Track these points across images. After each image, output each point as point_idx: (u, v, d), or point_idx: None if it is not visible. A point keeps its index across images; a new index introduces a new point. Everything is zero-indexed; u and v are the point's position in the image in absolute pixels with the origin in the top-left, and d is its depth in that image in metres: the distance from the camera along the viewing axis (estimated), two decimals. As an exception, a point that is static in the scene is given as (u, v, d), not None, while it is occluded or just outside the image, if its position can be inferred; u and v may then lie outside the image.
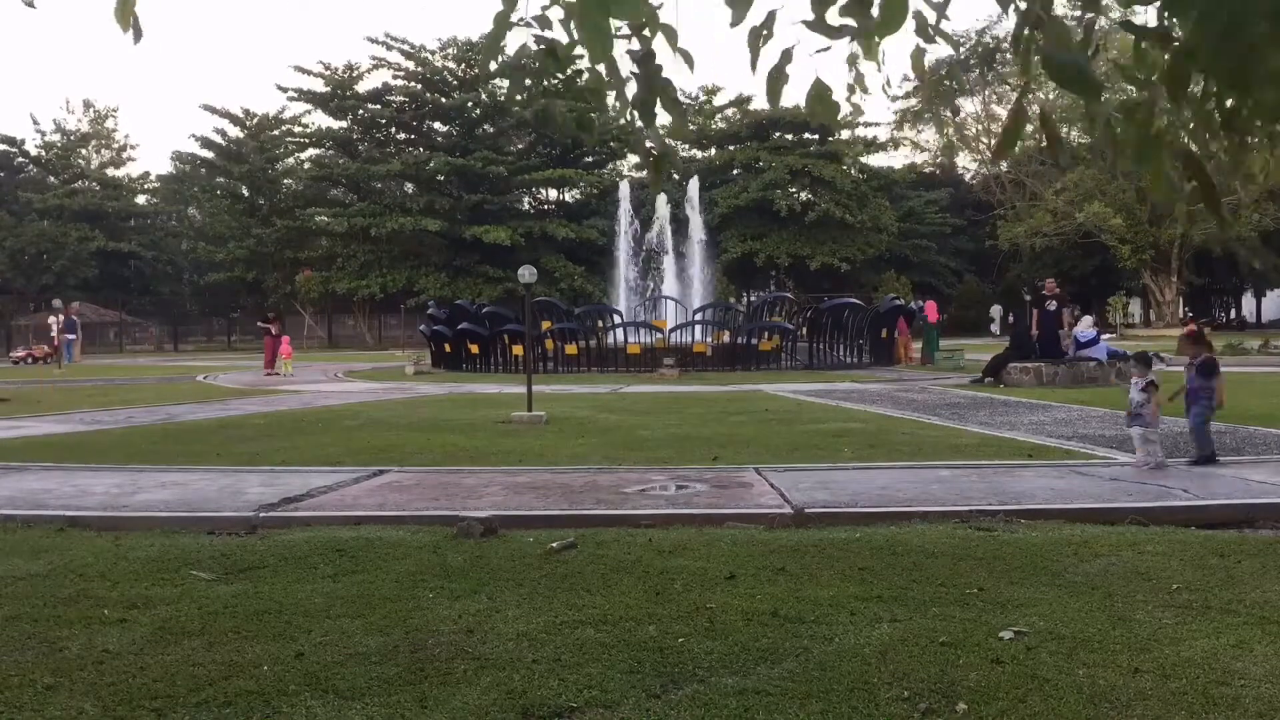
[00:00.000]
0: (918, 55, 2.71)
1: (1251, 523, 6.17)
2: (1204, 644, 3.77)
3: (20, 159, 58.79)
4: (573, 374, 22.96)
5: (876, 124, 56.71)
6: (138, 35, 2.75)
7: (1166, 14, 2.23)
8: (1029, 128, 2.63)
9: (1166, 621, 4.06)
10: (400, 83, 51.64)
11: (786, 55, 2.72)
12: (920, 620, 4.09)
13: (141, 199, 62.23)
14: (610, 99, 2.97)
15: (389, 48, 50.91)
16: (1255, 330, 49.60)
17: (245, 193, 54.91)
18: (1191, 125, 2.46)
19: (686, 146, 57.45)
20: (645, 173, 3.07)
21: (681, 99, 3.03)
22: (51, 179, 58.17)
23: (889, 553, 5.23)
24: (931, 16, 2.61)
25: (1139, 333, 44.73)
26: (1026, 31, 2.31)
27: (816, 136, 51.10)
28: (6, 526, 6.25)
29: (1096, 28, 2.49)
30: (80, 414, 14.15)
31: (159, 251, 58.54)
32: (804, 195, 51.28)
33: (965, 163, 59.77)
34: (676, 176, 53.51)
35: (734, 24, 2.61)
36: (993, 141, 51.85)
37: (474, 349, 24.86)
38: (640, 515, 6.27)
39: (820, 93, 2.82)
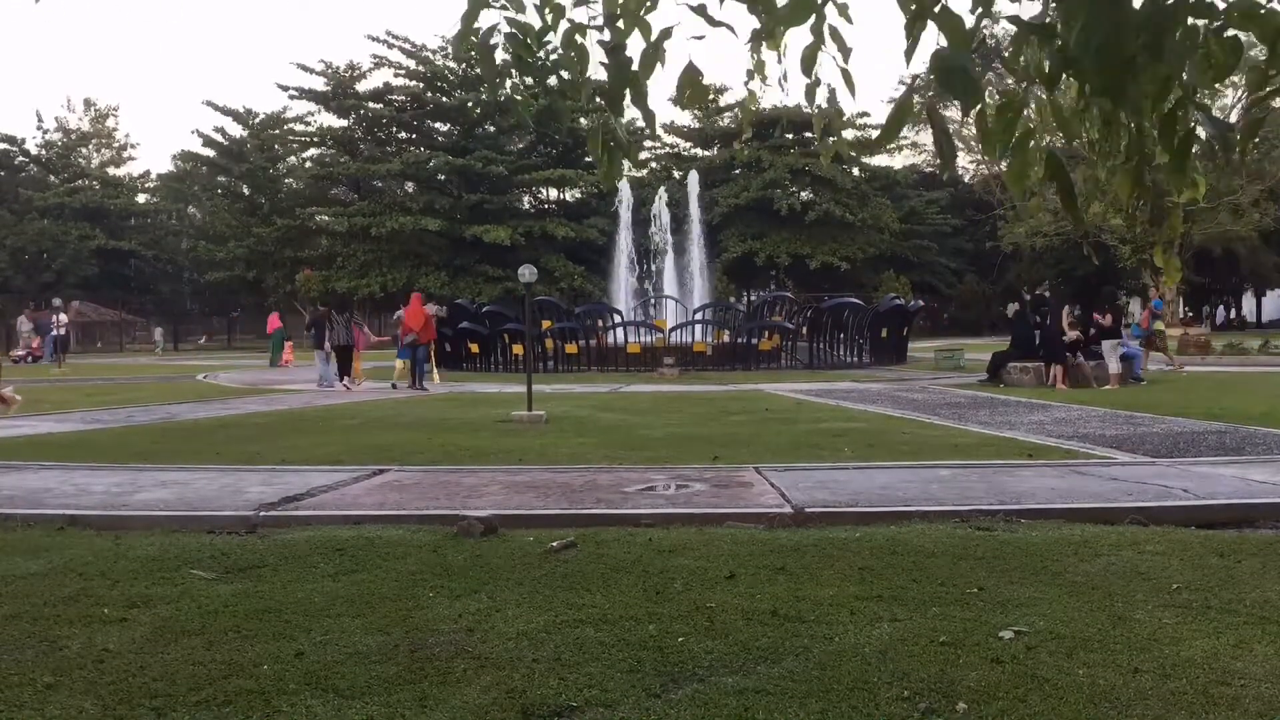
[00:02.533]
0: (809, 55, 2.71)
1: (1252, 522, 6.16)
2: (1204, 644, 3.77)
3: (21, 158, 58.76)
4: (573, 373, 22.97)
5: (876, 125, 56.62)
6: None
7: (1053, 12, 2.27)
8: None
9: (1166, 621, 4.05)
10: (401, 82, 51.64)
11: (666, 33, 2.76)
12: (920, 620, 4.09)
13: (142, 198, 62.20)
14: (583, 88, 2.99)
15: (390, 46, 50.94)
16: (1255, 330, 49.62)
17: (246, 192, 54.89)
18: (1054, 125, 2.52)
19: (688, 146, 57.48)
20: (597, 165, 3.09)
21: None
22: (52, 178, 58.15)
23: (889, 552, 5.23)
24: (834, 18, 2.63)
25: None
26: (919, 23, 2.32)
27: (817, 136, 51.04)
28: (6, 525, 6.25)
29: (984, 24, 2.51)
30: (80, 413, 14.16)
31: (159, 250, 58.51)
32: (804, 195, 51.28)
33: (965, 162, 59.70)
34: (677, 175, 53.54)
35: None
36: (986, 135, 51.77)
37: (474, 348, 24.86)
38: (640, 515, 6.27)
39: (691, 77, 2.87)
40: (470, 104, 51.20)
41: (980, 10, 2.34)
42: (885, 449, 9.13)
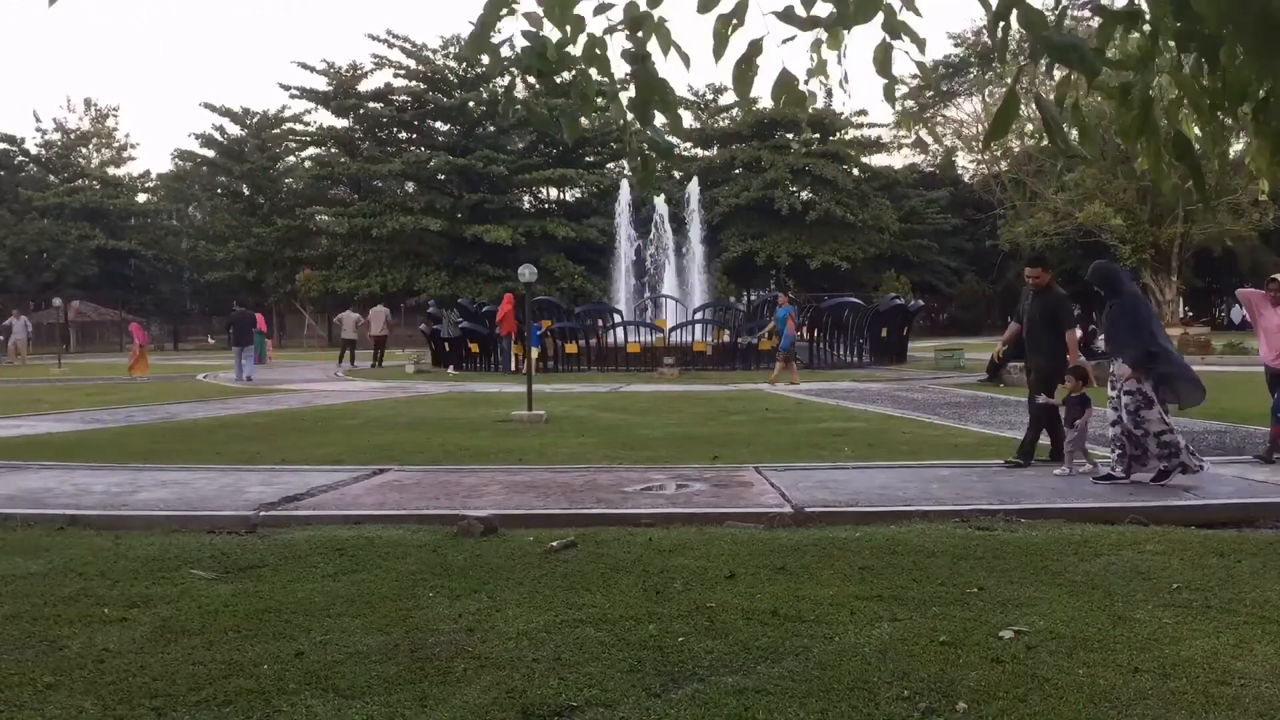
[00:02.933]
0: (882, 54, 2.70)
1: (1252, 522, 6.17)
2: (1204, 643, 3.77)
3: (21, 158, 58.73)
4: (573, 373, 22.97)
5: (878, 125, 56.64)
6: None
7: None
8: (1027, 126, 2.65)
9: (1166, 621, 4.05)
10: (402, 81, 51.63)
11: (755, 46, 2.73)
12: (920, 619, 4.09)
13: (142, 198, 62.15)
14: (600, 101, 2.97)
15: (391, 46, 50.92)
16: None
17: (246, 191, 54.89)
18: (1183, 108, 2.51)
19: (688, 146, 57.48)
20: (634, 174, 3.09)
21: (691, 97, 3.04)
22: (52, 177, 58.13)
23: (889, 552, 5.23)
24: (901, 10, 2.61)
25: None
26: (1002, 22, 2.32)
27: (817, 136, 51.09)
28: (6, 525, 6.25)
29: (1069, 14, 2.52)
30: (79, 413, 14.16)
31: (159, 250, 58.47)
32: (805, 194, 51.26)
33: (965, 162, 59.71)
34: (678, 175, 53.55)
35: (701, 11, 2.62)
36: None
37: (474, 348, 24.86)
38: (640, 514, 6.27)
39: (786, 82, 2.84)
40: (471, 104, 51.20)
41: (1063, 6, 2.35)
42: (885, 449, 9.13)
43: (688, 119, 56.66)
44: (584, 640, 3.88)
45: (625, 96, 2.94)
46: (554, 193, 55.61)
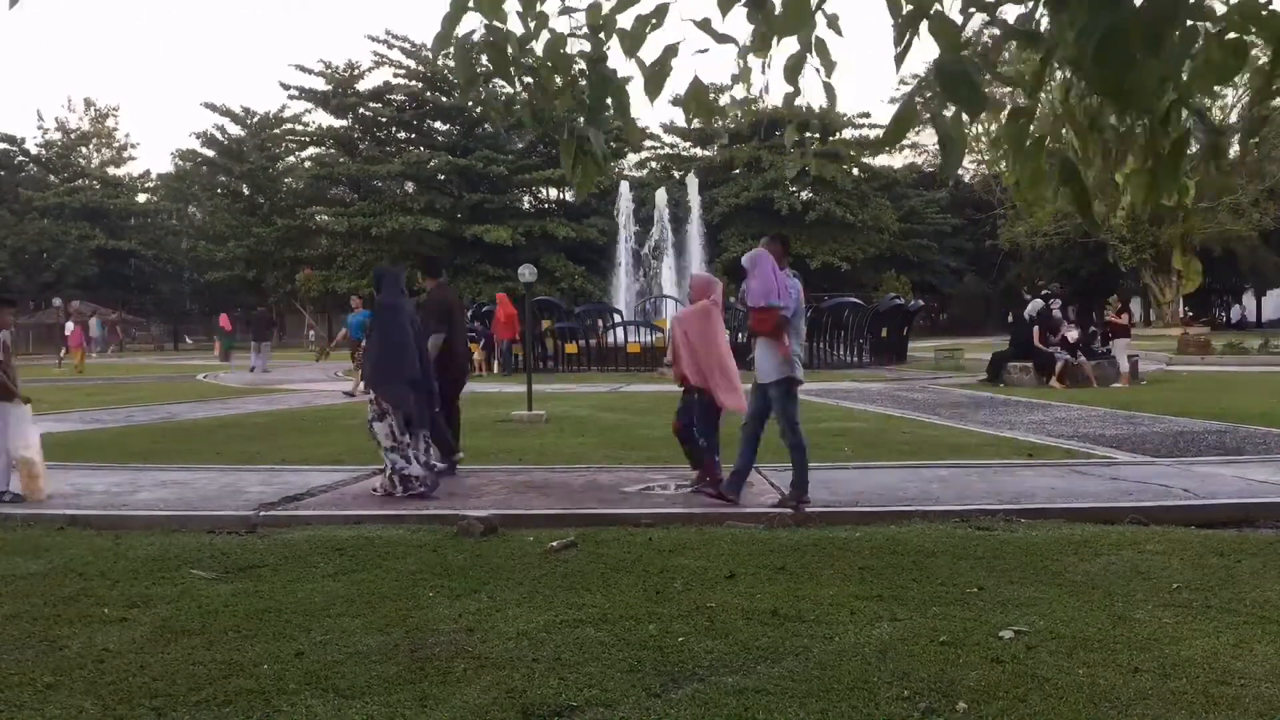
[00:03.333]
0: (793, 65, 2.70)
1: (1251, 522, 6.17)
2: (1204, 643, 3.77)
3: (21, 157, 58.75)
4: (573, 373, 22.96)
5: (878, 125, 56.64)
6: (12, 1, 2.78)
7: (1038, 17, 2.26)
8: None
9: (1166, 621, 4.05)
10: (401, 81, 51.62)
11: (670, 50, 2.76)
12: (920, 619, 4.09)
13: (142, 198, 62.18)
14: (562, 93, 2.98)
15: (390, 46, 50.90)
16: (1255, 330, 49.60)
17: (246, 191, 54.88)
18: (1066, 131, 2.51)
19: (688, 145, 57.48)
20: (568, 174, 3.09)
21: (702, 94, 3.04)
22: (52, 177, 58.15)
23: (889, 552, 5.23)
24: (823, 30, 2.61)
25: (1139, 332, 44.71)
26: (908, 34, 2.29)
27: (818, 136, 51.10)
28: (6, 525, 6.25)
29: (980, 29, 2.50)
30: (79, 413, 14.15)
31: (159, 250, 58.50)
32: (805, 195, 51.27)
33: (965, 162, 59.70)
34: (677, 175, 53.51)
35: (618, 10, 2.64)
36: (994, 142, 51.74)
37: (474, 348, 24.85)
38: (640, 514, 6.27)
39: (697, 92, 2.86)
40: (470, 103, 51.20)
41: (971, 13, 2.32)
42: (885, 449, 9.13)
43: (684, 119, 56.55)
44: (584, 640, 3.88)
45: (577, 94, 2.96)
46: (554, 193, 55.61)
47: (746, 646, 3.79)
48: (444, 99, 51.20)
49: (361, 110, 52.30)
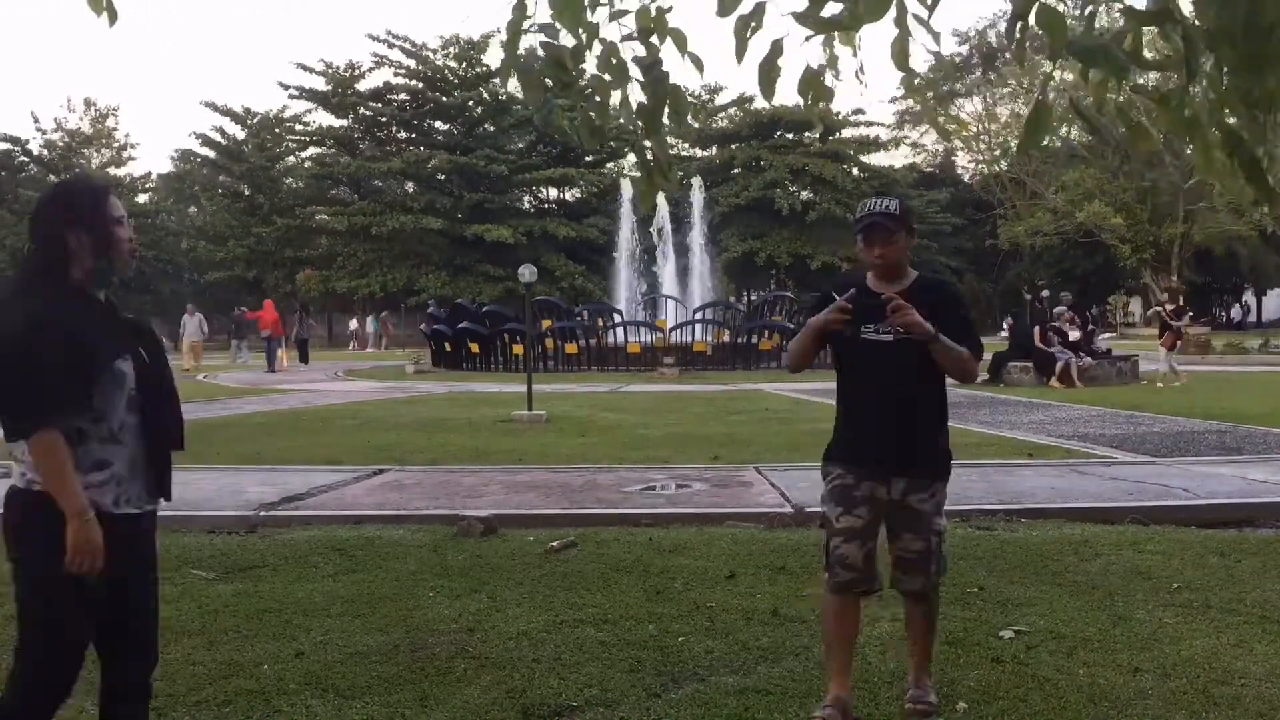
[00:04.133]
0: (899, 47, 2.67)
1: (1251, 521, 6.16)
2: (1204, 643, 3.77)
3: (22, 158, 58.78)
4: (573, 373, 22.96)
5: (877, 124, 56.66)
6: (113, 18, 2.77)
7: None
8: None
9: (1167, 620, 4.05)
10: (401, 81, 51.63)
11: (777, 47, 2.70)
12: (920, 619, 4.08)
13: (142, 198, 62.16)
14: (614, 99, 2.95)
15: (390, 45, 50.90)
16: (1255, 329, 49.60)
17: (246, 191, 54.88)
18: (1224, 106, 2.42)
19: (687, 146, 57.48)
20: (637, 190, 3.07)
21: (689, 99, 3.03)
22: (53, 178, 58.09)
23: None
24: (916, 8, 2.58)
25: (1139, 331, 44.74)
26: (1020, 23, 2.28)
27: (817, 135, 51.10)
28: (7, 525, 6.24)
29: (1096, 16, 2.46)
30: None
31: (159, 250, 58.46)
32: (805, 194, 51.28)
33: (964, 162, 59.73)
34: (679, 173, 53.39)
35: (721, 14, 2.60)
36: (993, 141, 51.71)
37: (474, 348, 24.85)
38: (640, 514, 6.27)
39: (811, 77, 2.82)
40: (470, 103, 51.23)
41: (1090, 8, 2.30)
42: (885, 448, 9.11)
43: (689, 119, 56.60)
44: (584, 640, 3.88)
45: (635, 101, 2.93)
46: (554, 192, 55.61)
47: (746, 646, 3.79)
48: (444, 98, 51.20)
49: (362, 110, 52.31)
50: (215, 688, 3.44)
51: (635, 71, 2.84)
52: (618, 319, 26.33)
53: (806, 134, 50.50)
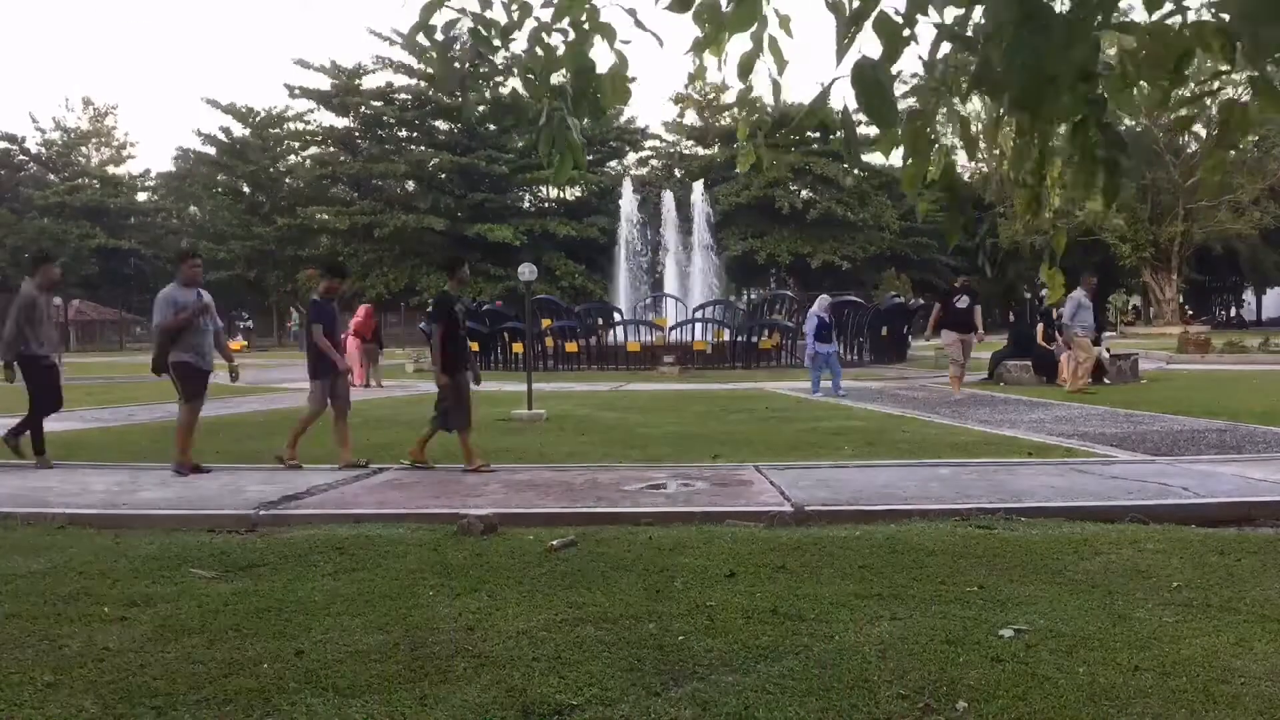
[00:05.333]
0: (747, 60, 2.72)
1: (1251, 520, 6.16)
2: (1204, 642, 3.77)
3: (21, 157, 58.79)
4: (573, 372, 22.96)
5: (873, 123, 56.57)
6: None
7: (972, 24, 2.28)
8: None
9: (1167, 619, 4.05)
10: (403, 80, 51.66)
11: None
12: (920, 618, 4.08)
13: (142, 196, 62.22)
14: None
15: (393, 45, 50.95)
16: (1255, 328, 49.58)
17: (247, 190, 54.94)
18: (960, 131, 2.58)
19: (689, 144, 57.48)
20: (546, 164, 3.11)
21: (695, 96, 3.08)
22: (52, 176, 58.19)
23: (889, 550, 5.23)
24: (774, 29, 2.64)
25: (1139, 330, 44.75)
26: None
27: (818, 135, 51.08)
28: (7, 524, 6.25)
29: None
30: (80, 412, 14.15)
31: (160, 249, 58.53)
32: (805, 193, 51.32)
33: (965, 162, 59.63)
34: (679, 174, 53.46)
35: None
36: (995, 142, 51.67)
37: (474, 346, 24.84)
38: (640, 513, 6.27)
39: (615, 72, 2.89)
40: (446, 96, 51.22)
41: (914, 15, 2.33)
42: (885, 447, 9.13)
43: (689, 117, 56.57)
44: (584, 639, 3.88)
45: (559, 80, 2.97)
46: (554, 192, 55.64)
47: (746, 645, 3.79)
48: (446, 99, 51.22)
49: (364, 109, 52.36)
50: (215, 686, 3.44)
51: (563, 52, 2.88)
52: (618, 317, 26.34)
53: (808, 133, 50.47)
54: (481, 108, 48.02)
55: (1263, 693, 3.28)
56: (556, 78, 2.92)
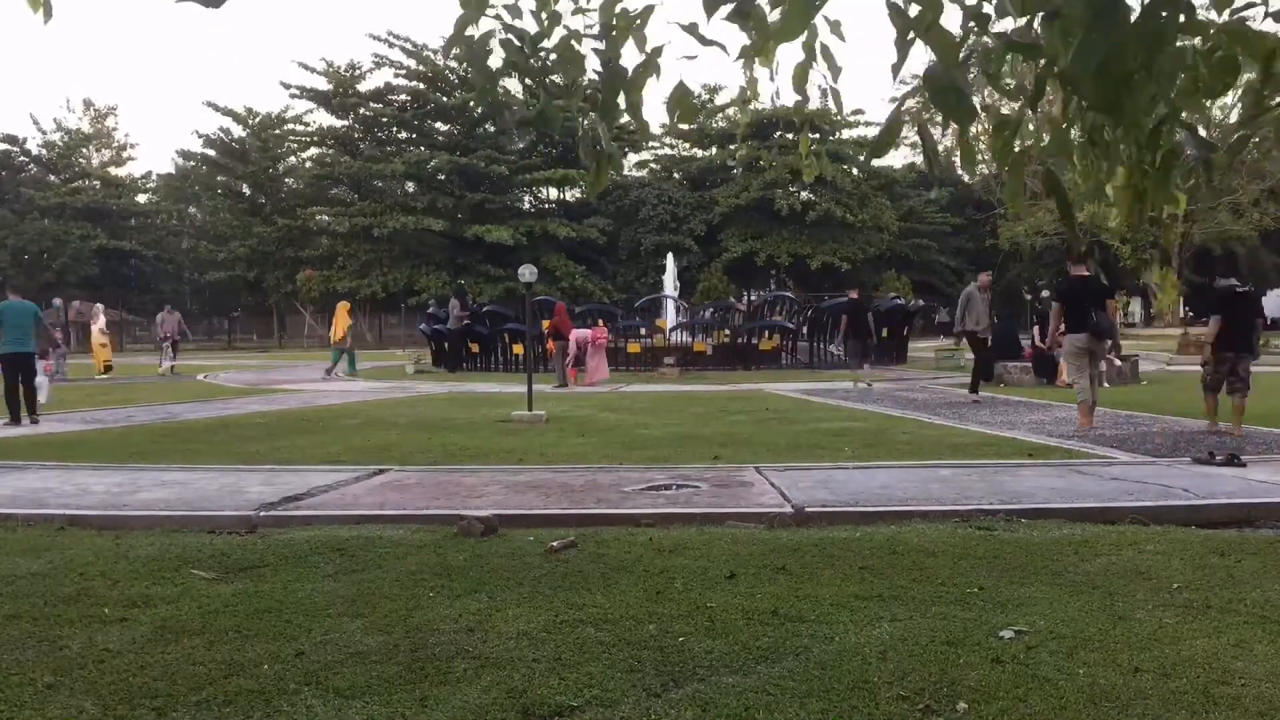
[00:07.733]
0: (800, 73, 2.73)
1: (1252, 522, 6.16)
2: (1204, 643, 3.77)
3: (22, 158, 58.79)
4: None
5: (876, 124, 56.60)
6: (48, 14, 2.80)
7: (1038, 30, 2.28)
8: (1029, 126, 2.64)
9: (1167, 621, 4.05)
10: (402, 81, 51.67)
11: (657, 50, 2.79)
12: (921, 619, 4.09)
13: (143, 198, 62.21)
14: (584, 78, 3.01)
15: (391, 46, 50.96)
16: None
17: (247, 191, 54.96)
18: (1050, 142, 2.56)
19: (687, 146, 57.49)
20: (587, 175, 3.13)
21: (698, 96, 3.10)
22: (52, 177, 58.18)
23: (889, 552, 5.23)
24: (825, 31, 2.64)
25: (1140, 332, 44.75)
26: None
27: (817, 136, 51.06)
28: (7, 525, 6.25)
29: (972, 40, 2.51)
30: (81, 413, 14.15)
31: (160, 250, 58.55)
32: (804, 195, 51.32)
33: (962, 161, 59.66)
34: (677, 176, 53.51)
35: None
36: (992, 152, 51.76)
37: (474, 348, 24.85)
38: (641, 514, 6.27)
39: (681, 95, 2.89)
40: (471, 103, 51.26)
41: (972, 27, 2.33)
42: (885, 448, 9.12)
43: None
44: (584, 640, 3.88)
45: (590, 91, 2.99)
46: (554, 193, 55.65)
47: (746, 646, 3.79)
48: (445, 99, 51.27)
49: (363, 110, 52.37)
50: (215, 687, 3.44)
51: (595, 62, 2.88)
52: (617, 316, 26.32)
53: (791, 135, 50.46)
54: (484, 113, 48.09)
55: (1263, 694, 3.28)
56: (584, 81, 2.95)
